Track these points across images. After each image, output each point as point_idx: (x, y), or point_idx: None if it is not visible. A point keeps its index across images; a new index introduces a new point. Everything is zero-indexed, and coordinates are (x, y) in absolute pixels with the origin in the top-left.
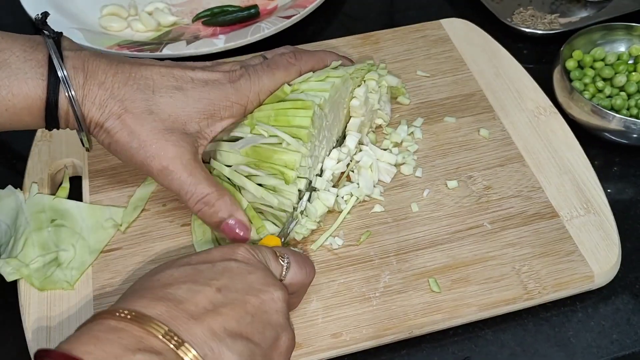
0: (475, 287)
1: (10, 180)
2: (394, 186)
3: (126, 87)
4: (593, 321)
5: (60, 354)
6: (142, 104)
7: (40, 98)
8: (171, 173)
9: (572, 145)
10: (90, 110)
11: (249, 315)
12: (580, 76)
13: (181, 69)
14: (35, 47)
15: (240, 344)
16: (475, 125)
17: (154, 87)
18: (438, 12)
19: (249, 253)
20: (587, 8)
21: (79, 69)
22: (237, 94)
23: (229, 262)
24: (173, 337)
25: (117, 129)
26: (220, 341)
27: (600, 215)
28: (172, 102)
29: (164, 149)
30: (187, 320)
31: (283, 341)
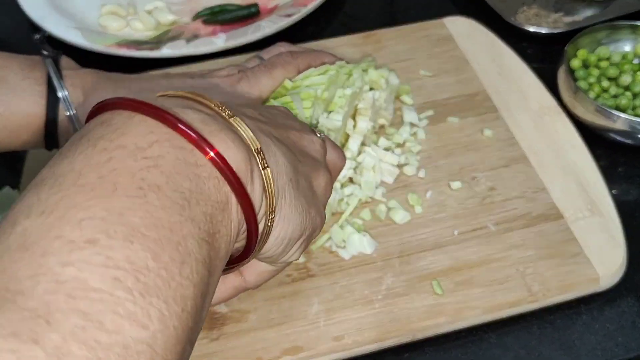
0: (479, 289)
1: (8, 180)
2: (397, 187)
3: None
4: (598, 324)
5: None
6: None
7: (39, 116)
8: None
9: (577, 146)
10: None
11: (291, 140)
12: (585, 76)
13: (180, 79)
14: (33, 66)
15: (285, 149)
16: (479, 126)
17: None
18: (441, 10)
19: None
20: (592, 7)
21: (78, 87)
22: (238, 97)
23: (273, 109)
24: (226, 108)
25: None
26: (268, 137)
27: (605, 217)
28: None
29: None
30: (239, 110)
31: (322, 175)
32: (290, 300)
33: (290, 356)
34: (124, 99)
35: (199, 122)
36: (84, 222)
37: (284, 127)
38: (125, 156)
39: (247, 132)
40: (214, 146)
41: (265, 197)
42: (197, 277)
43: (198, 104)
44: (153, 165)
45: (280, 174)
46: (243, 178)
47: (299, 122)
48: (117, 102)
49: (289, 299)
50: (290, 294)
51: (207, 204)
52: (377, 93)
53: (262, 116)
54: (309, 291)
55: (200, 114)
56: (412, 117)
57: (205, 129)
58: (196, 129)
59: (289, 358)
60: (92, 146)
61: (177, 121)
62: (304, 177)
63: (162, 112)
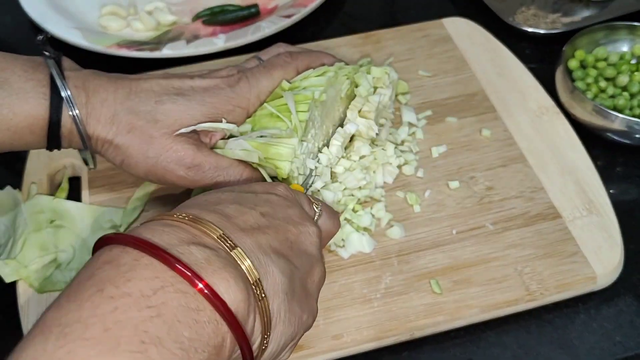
0: (477, 288)
1: (9, 180)
2: (396, 187)
3: (128, 101)
4: (596, 323)
5: (126, 236)
6: (147, 115)
7: (42, 117)
8: (202, 167)
9: (574, 146)
10: (96, 129)
11: (290, 241)
12: (582, 76)
13: (179, 79)
14: (35, 67)
15: (282, 262)
16: (478, 126)
17: (155, 97)
18: (440, 11)
19: (288, 191)
20: (589, 7)
21: (80, 87)
22: (237, 97)
23: (270, 195)
24: (227, 240)
25: (128, 143)
26: (266, 255)
27: (603, 216)
28: (176, 107)
29: (184, 149)
30: (237, 231)
31: (317, 272)
32: None
33: None
34: (132, 237)
35: (203, 261)
36: None
37: (284, 225)
38: (130, 305)
39: (246, 262)
40: (216, 292)
41: (261, 324)
42: None
43: (200, 232)
44: (156, 315)
45: (276, 294)
46: (241, 318)
47: (297, 210)
48: (123, 238)
49: None
50: None
51: (204, 351)
52: (383, 91)
53: (262, 216)
54: None
55: (204, 251)
56: (410, 117)
57: (208, 268)
58: (200, 274)
59: None
60: (99, 292)
61: (181, 265)
62: (299, 283)
63: (167, 256)
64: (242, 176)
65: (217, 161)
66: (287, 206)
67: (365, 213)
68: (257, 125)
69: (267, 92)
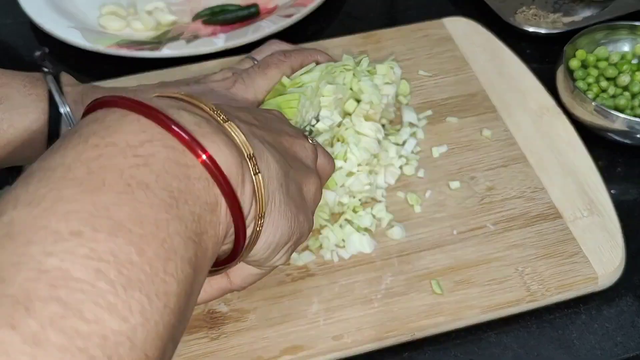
0: (478, 288)
1: (10, 180)
2: (396, 187)
3: None
4: (597, 323)
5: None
6: None
7: (42, 132)
8: None
9: (575, 146)
10: None
11: (284, 145)
12: (583, 76)
13: (175, 87)
14: (34, 83)
15: (277, 154)
16: (478, 126)
17: None
18: (440, 11)
19: (283, 116)
20: (590, 7)
21: (79, 102)
22: (234, 100)
23: (264, 112)
24: (221, 112)
25: None
26: (261, 142)
27: (604, 217)
28: None
29: None
30: (233, 111)
31: (312, 181)
32: (290, 299)
33: (290, 355)
34: (119, 97)
35: (193, 124)
36: (70, 214)
37: (278, 131)
38: (116, 153)
39: (240, 136)
40: (206, 148)
41: (255, 202)
42: (182, 275)
43: (193, 106)
44: (143, 163)
45: (271, 179)
46: (234, 182)
47: (292, 128)
48: (112, 100)
49: (288, 298)
50: (289, 293)
51: (195, 204)
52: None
53: (257, 120)
54: (308, 290)
55: (195, 116)
56: (411, 117)
57: (198, 131)
58: (189, 130)
59: (288, 357)
60: (83, 142)
61: (170, 122)
62: (294, 183)
63: (155, 112)
64: None
65: None
66: (282, 122)
67: (365, 214)
68: None
69: (263, 91)
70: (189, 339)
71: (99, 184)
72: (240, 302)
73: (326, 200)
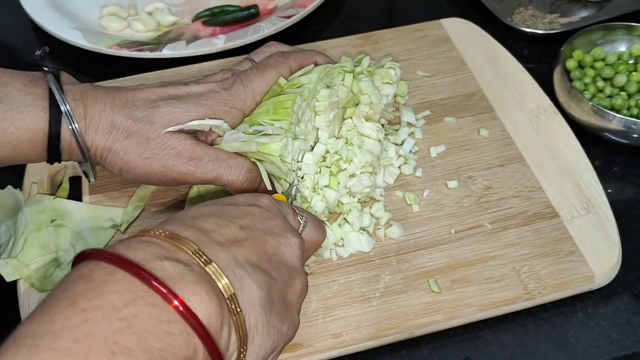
0: (476, 287)
1: (10, 180)
2: (394, 186)
3: (125, 109)
4: (593, 321)
5: (100, 252)
6: (143, 120)
7: (42, 130)
8: (201, 160)
9: (572, 145)
10: (95, 139)
11: (268, 253)
12: (580, 76)
13: (175, 86)
14: (35, 82)
15: (259, 275)
16: (476, 125)
17: (151, 103)
18: (438, 12)
19: (271, 202)
20: (587, 8)
21: (79, 100)
22: (233, 99)
23: (252, 207)
24: (202, 255)
25: (126, 148)
26: (242, 269)
27: (600, 216)
28: (172, 109)
29: (181, 144)
30: (213, 246)
31: (297, 283)
32: None
33: (289, 353)
34: (106, 252)
35: (175, 276)
36: None
37: (262, 237)
38: (101, 318)
39: (222, 280)
40: (186, 303)
41: (237, 337)
42: None
43: (177, 249)
44: (126, 326)
45: (253, 308)
46: (213, 329)
47: (279, 221)
48: (98, 253)
49: None
50: None
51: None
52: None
53: (242, 230)
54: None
55: (178, 265)
56: (409, 117)
57: (180, 283)
58: (169, 286)
59: (288, 355)
60: (71, 305)
61: (151, 278)
62: (278, 295)
63: (139, 270)
64: (243, 167)
65: (216, 153)
66: (268, 217)
67: (364, 213)
68: (255, 123)
69: (261, 92)
70: None
71: (84, 354)
72: None
73: (327, 199)
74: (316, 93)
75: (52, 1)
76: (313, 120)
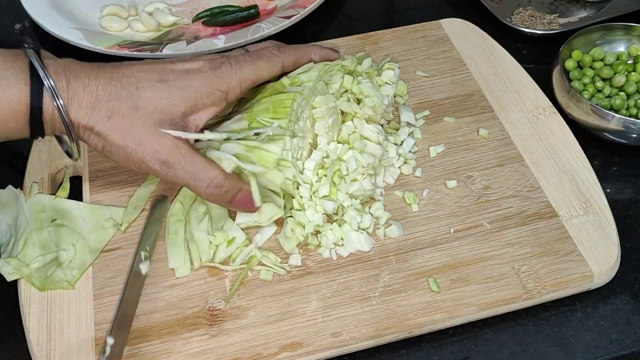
0: (475, 286)
1: (11, 180)
2: (394, 186)
3: (110, 86)
4: (592, 321)
5: None
6: (127, 102)
7: (24, 103)
8: (174, 165)
9: (571, 145)
10: (78, 114)
11: None
12: (579, 76)
13: (162, 64)
14: (15, 57)
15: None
16: (475, 125)
17: (136, 83)
18: (437, 12)
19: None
20: (586, 8)
21: (61, 74)
22: (218, 80)
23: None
24: None
25: (109, 130)
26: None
27: (599, 215)
28: (156, 94)
29: (161, 143)
30: None
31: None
32: (289, 297)
33: (288, 352)
34: None
35: None
36: None
37: None
38: None
39: None
40: None
41: None
42: None
43: None
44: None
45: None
46: None
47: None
48: None
49: (287, 296)
50: (288, 290)
51: None
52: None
53: None
54: (307, 288)
55: None
56: (409, 117)
57: None
58: None
59: (287, 354)
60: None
61: None
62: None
63: None
64: (211, 182)
65: (192, 162)
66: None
67: (364, 214)
68: (254, 120)
69: (249, 79)
70: (189, 336)
71: None
72: (239, 299)
73: (325, 209)
74: (315, 91)
75: (52, 1)
76: (311, 117)
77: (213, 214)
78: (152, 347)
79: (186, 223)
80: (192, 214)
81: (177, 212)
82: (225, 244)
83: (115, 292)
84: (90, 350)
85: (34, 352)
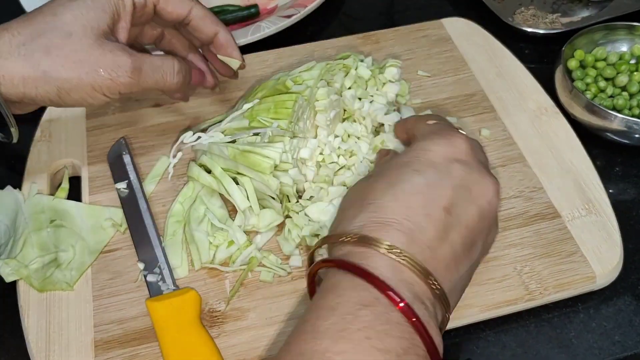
0: (477, 287)
1: (10, 180)
2: None
3: (25, 27)
4: (595, 322)
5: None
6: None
7: None
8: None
9: (573, 146)
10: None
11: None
12: (582, 76)
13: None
14: None
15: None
16: (477, 126)
17: (50, 12)
18: (439, 11)
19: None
20: (588, 8)
21: None
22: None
23: (451, 165)
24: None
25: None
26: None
27: (602, 216)
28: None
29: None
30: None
31: (491, 236)
32: (289, 298)
33: None
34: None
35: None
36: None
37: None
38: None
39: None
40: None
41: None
42: None
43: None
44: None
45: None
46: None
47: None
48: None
49: (288, 297)
50: (289, 292)
51: None
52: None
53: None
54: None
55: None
56: None
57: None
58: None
59: None
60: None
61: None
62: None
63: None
64: (174, 69)
65: (151, 60)
66: (468, 174)
67: None
68: (254, 120)
69: None
70: None
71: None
72: (240, 301)
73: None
74: (316, 91)
75: None
76: (312, 118)
77: (215, 214)
78: (150, 349)
79: (185, 224)
80: (191, 215)
81: (177, 213)
82: (225, 244)
83: (114, 294)
84: (90, 351)
85: (32, 353)
